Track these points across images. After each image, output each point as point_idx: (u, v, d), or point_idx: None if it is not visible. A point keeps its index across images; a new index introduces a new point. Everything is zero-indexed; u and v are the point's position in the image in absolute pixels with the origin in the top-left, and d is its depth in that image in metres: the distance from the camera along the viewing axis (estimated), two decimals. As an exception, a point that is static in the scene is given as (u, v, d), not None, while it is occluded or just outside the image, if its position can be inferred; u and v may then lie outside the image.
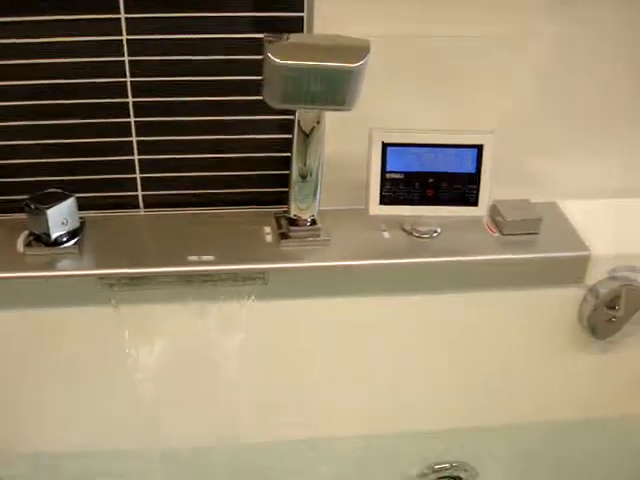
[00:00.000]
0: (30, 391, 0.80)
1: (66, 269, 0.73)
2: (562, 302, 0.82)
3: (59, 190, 0.75)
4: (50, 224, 0.74)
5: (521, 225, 0.81)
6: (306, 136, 0.73)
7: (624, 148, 0.87)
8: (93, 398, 0.79)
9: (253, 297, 0.74)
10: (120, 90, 0.74)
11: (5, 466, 0.86)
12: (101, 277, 0.73)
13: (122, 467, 0.85)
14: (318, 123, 0.72)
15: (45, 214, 0.73)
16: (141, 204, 0.81)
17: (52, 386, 0.80)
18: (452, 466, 0.91)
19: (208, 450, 0.80)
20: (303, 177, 0.76)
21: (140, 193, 0.81)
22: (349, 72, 0.65)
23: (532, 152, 0.85)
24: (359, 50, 0.66)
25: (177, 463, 0.82)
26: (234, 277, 0.74)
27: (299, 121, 0.72)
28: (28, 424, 0.83)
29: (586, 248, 0.80)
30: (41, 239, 0.76)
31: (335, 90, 0.66)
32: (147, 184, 0.80)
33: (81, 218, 0.77)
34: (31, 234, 0.76)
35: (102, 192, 0.80)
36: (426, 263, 0.78)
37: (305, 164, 0.74)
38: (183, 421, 0.77)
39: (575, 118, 0.84)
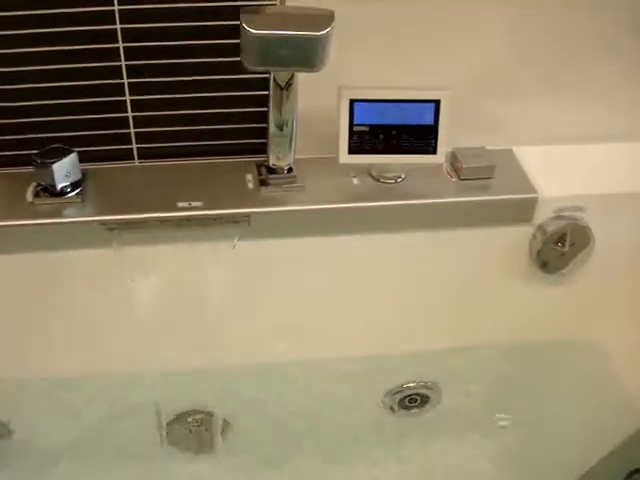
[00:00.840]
0: (38, 323, 0.91)
1: (70, 216, 0.83)
2: (514, 239, 0.92)
3: (62, 146, 0.85)
4: (55, 177, 0.83)
5: (477, 171, 0.90)
6: (281, 93, 0.82)
7: (579, 97, 0.96)
8: (96, 326, 0.90)
9: (237, 238, 0.84)
10: (113, 53, 0.83)
11: (19, 392, 0.98)
12: (102, 222, 0.83)
13: (124, 389, 0.98)
14: (291, 82, 0.81)
15: (51, 168, 0.82)
16: (136, 156, 0.90)
17: (58, 318, 0.90)
18: (418, 384, 1.03)
19: (201, 372, 0.92)
20: (280, 129, 0.84)
21: (134, 146, 0.90)
22: (316, 39, 0.74)
23: (491, 101, 0.93)
24: (325, 19, 0.74)
25: (175, 384, 0.93)
26: (220, 220, 0.84)
27: (275, 80, 0.81)
28: (36, 352, 0.94)
29: (535, 191, 0.89)
30: (48, 190, 0.85)
31: (304, 55, 0.75)
32: (141, 138, 0.88)
33: (82, 171, 0.86)
34: (38, 185, 0.86)
35: (100, 146, 0.88)
36: (392, 206, 0.87)
37: (281, 117, 0.83)
38: (178, 345, 0.88)
39: (534, 68, 0.93)
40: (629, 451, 0.92)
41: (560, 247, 0.92)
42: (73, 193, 0.85)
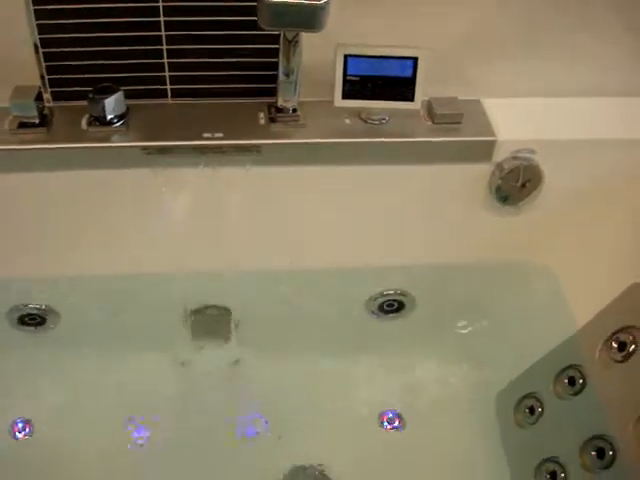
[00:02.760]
0: (87, 228, 1.13)
1: (117, 141, 1.05)
2: (476, 175, 1.13)
3: (111, 85, 1.06)
4: (106, 109, 1.05)
5: (447, 117, 1.11)
6: (289, 47, 1.02)
7: (547, 54, 1.14)
8: (134, 233, 1.13)
9: (250, 164, 1.07)
10: (153, 11, 1.04)
11: (63, 288, 1.21)
12: (142, 147, 1.05)
13: (154, 287, 1.21)
14: (297, 39, 1.02)
15: (103, 102, 1.04)
16: (169, 95, 1.12)
17: (104, 225, 1.13)
18: (396, 292, 1.26)
19: (218, 275, 1.15)
20: (287, 76, 1.06)
21: (168, 87, 1.11)
22: (318, 7, 0.94)
23: (465, 58, 1.13)
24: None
25: (197, 284, 1.17)
26: (237, 149, 1.06)
27: (284, 36, 1.02)
28: (82, 253, 1.16)
29: (495, 135, 1.10)
30: (99, 120, 1.07)
31: (308, 19, 0.95)
32: (174, 80, 1.10)
33: (127, 105, 1.08)
34: (91, 116, 1.08)
35: (141, 86, 1.10)
36: (376, 142, 1.09)
37: (288, 67, 1.04)
38: (201, 252, 1.11)
39: (506, 27, 1.11)
40: (563, 351, 1.14)
41: (515, 183, 1.14)
42: (119, 123, 1.07)
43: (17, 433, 1.20)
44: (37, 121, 1.07)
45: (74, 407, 1.22)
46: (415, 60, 1.05)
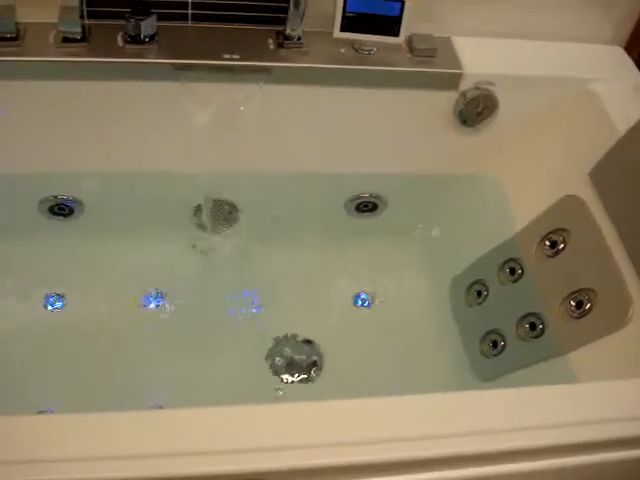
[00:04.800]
0: (115, 130, 1.33)
1: (151, 58, 1.25)
2: (444, 100, 1.37)
3: (143, 6, 1.24)
4: (142, 30, 1.24)
5: (424, 51, 1.34)
6: (298, -16, 1.24)
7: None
8: (158, 135, 1.34)
9: (262, 82, 1.28)
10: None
11: (90, 181, 1.41)
12: (172, 64, 1.25)
13: (173, 184, 1.41)
14: (305, -21, 1.23)
15: (140, 23, 1.23)
16: (190, 19, 1.32)
17: (128, 128, 1.33)
18: (370, 195, 1.51)
19: (226, 175, 1.37)
20: (296, 8, 1.26)
21: (190, 11, 1.30)
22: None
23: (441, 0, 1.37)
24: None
25: (210, 180, 1.38)
26: (252, 69, 1.27)
27: (294, -24, 1.23)
28: (106, 152, 1.36)
29: (461, 68, 1.34)
30: (133, 38, 1.26)
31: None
32: (195, 6, 1.29)
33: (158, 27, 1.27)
34: (126, 34, 1.26)
35: (166, 9, 1.28)
36: (366, 69, 1.32)
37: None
38: (215, 154, 1.32)
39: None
40: (506, 247, 1.41)
41: (475, 109, 1.38)
42: (151, 42, 1.26)
43: (50, 306, 1.41)
44: (79, 37, 1.25)
45: (100, 283, 1.44)
46: (402, 2, 1.27)
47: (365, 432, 0.87)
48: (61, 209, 1.42)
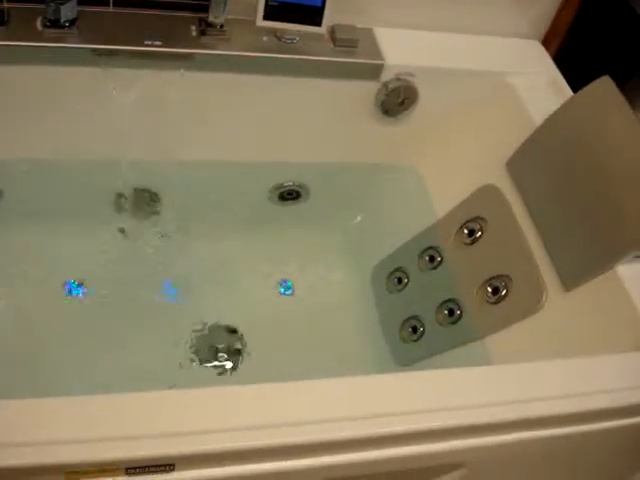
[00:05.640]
0: (35, 115, 1.31)
1: (71, 43, 1.23)
2: (366, 91, 1.39)
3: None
4: (62, 14, 1.23)
5: (346, 41, 1.35)
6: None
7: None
8: (79, 122, 1.32)
9: (184, 70, 1.28)
10: None
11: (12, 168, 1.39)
12: (92, 49, 1.24)
13: (95, 170, 1.39)
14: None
15: (60, 7, 1.22)
16: (111, 3, 1.31)
17: (50, 114, 1.31)
18: (294, 184, 1.52)
19: (155, 163, 1.37)
20: (218, -5, 1.28)
21: (111, -4, 1.30)
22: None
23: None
24: None
25: (133, 168, 1.38)
26: (173, 56, 1.27)
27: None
28: (25, 138, 1.34)
29: (383, 59, 1.36)
30: (52, 22, 1.24)
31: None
32: (117, -9, 1.29)
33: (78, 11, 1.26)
34: (46, 19, 1.24)
35: (89, -5, 1.28)
36: (287, 58, 1.32)
37: (218, -12, 1.27)
38: (142, 142, 1.32)
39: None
40: (425, 236, 1.44)
41: (396, 99, 1.41)
42: (71, 27, 1.25)
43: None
44: (-4, 20, 1.23)
45: (21, 272, 1.41)
46: (326, -8, 1.29)
47: (280, 415, 0.89)
48: (-22, 196, 1.40)
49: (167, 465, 0.84)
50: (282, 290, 1.53)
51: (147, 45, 1.26)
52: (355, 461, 0.92)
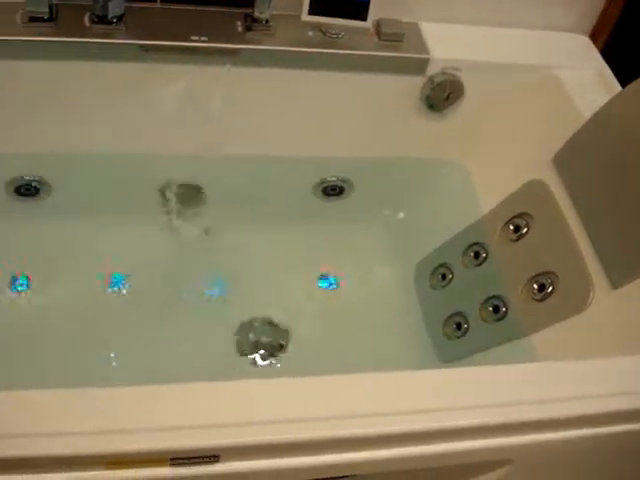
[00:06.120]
0: (82, 110, 1.33)
1: (118, 38, 1.25)
2: (412, 85, 1.39)
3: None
4: (109, 10, 1.25)
5: (392, 35, 1.35)
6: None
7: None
8: (125, 117, 1.34)
9: (229, 65, 1.29)
10: None
11: (53, 166, 1.41)
12: (139, 45, 1.25)
13: (139, 165, 1.41)
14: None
15: (108, 5, 1.24)
16: (158, 0, 1.32)
17: (96, 109, 1.33)
18: (337, 179, 1.52)
19: (196, 157, 1.39)
20: (264, -9, 1.29)
21: (158, -7, 1.32)
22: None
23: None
24: None
25: (178, 162, 1.40)
26: (219, 51, 1.27)
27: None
28: (73, 132, 1.36)
29: (428, 53, 1.36)
30: (100, 19, 1.26)
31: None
32: (164, -13, 1.31)
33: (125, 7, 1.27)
34: (93, 14, 1.26)
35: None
36: (333, 53, 1.33)
37: (265, -15, 1.28)
38: (183, 136, 1.34)
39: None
40: (471, 231, 1.43)
41: (441, 94, 1.40)
42: (118, 23, 1.26)
43: (16, 287, 1.41)
44: (46, 16, 1.25)
45: (67, 264, 1.44)
46: (370, -13, 1.29)
47: (324, 408, 0.89)
48: (27, 190, 1.42)
49: (211, 456, 0.84)
50: (325, 285, 1.53)
51: (193, 41, 1.27)
52: (399, 456, 0.92)
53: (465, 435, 0.93)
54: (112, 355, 1.35)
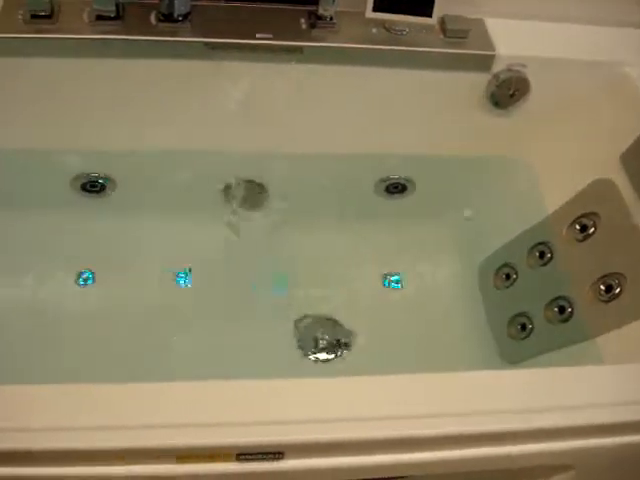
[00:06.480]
0: (147, 107, 1.35)
1: (184, 36, 1.27)
2: (476, 82, 1.37)
3: (179, -14, 1.27)
4: (175, 8, 1.26)
5: (456, 32, 1.34)
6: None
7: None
8: (189, 113, 1.36)
9: (294, 62, 1.29)
10: None
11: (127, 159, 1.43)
12: (205, 42, 1.27)
13: (204, 161, 1.43)
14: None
15: (174, 3, 1.25)
16: (223, -2, 1.34)
17: (161, 106, 1.34)
18: (400, 177, 1.52)
19: (260, 155, 1.40)
20: (328, -12, 1.29)
21: (223, -9, 1.33)
22: None
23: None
24: None
25: (241, 159, 1.41)
26: (284, 49, 1.28)
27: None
28: (137, 129, 1.37)
29: (494, 49, 1.34)
30: (166, 17, 1.28)
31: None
32: (228, -14, 1.32)
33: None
34: (159, 13, 1.28)
35: (202, -10, 1.31)
36: (398, 49, 1.32)
37: (329, -18, 1.28)
38: (247, 133, 1.36)
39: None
40: (536, 231, 1.41)
41: (507, 91, 1.38)
42: (184, 21, 1.28)
43: (82, 282, 1.44)
44: (113, 15, 1.27)
45: (131, 260, 1.47)
46: (436, -16, 1.28)
47: (390, 408, 0.89)
48: (93, 186, 1.44)
49: (277, 453, 0.85)
50: (387, 283, 1.52)
51: (258, 38, 1.28)
52: (463, 458, 0.91)
53: (529, 437, 0.92)
54: (175, 349, 1.37)
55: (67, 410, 0.84)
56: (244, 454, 0.84)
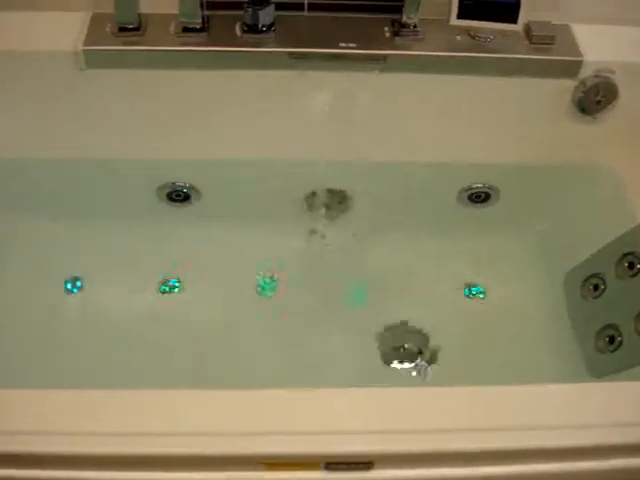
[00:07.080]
0: (233, 118, 1.37)
1: (269, 47, 1.29)
2: (563, 88, 1.35)
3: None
4: (260, 19, 1.28)
5: (542, 38, 1.33)
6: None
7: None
8: (274, 123, 1.37)
9: (378, 70, 1.30)
10: None
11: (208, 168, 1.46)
12: (289, 53, 1.28)
13: (288, 170, 1.45)
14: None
15: (258, 13, 1.27)
16: (306, 8, 1.34)
17: (246, 116, 1.37)
18: (484, 185, 1.50)
19: (344, 163, 1.41)
20: (413, -1, 1.29)
21: (306, 1, 1.33)
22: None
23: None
24: None
25: (325, 167, 1.42)
26: (368, 58, 1.29)
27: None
28: (222, 139, 1.40)
29: (581, 55, 1.32)
30: (250, 28, 1.30)
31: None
32: (311, -4, 1.34)
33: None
34: (244, 24, 1.30)
35: (285, -1, 1.33)
36: (482, 57, 1.32)
37: (414, -8, 1.28)
38: (331, 142, 1.37)
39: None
40: (625, 240, 1.38)
41: (594, 97, 1.36)
42: (268, 32, 1.30)
43: (165, 290, 1.47)
44: (199, 27, 1.30)
45: (214, 268, 1.49)
46: (521, -10, 1.27)
47: (475, 420, 0.88)
48: (178, 196, 1.48)
49: (366, 463, 0.85)
50: (469, 293, 1.51)
51: (342, 47, 1.29)
52: (551, 471, 0.90)
53: (622, 452, 0.90)
54: (257, 357, 1.38)
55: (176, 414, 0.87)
56: (333, 463, 0.85)
